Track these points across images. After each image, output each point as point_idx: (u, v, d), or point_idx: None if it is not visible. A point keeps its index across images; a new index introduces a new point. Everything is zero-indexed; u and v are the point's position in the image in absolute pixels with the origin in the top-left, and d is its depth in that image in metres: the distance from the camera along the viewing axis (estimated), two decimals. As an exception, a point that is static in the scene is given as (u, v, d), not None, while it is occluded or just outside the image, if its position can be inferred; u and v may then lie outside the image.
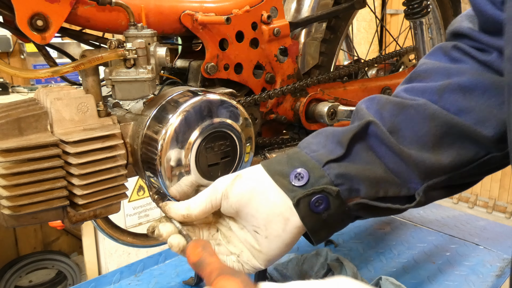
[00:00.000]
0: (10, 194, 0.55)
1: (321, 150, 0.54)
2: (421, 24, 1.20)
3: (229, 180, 0.56)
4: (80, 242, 2.40)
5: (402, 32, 1.42)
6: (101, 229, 0.79)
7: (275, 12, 0.88)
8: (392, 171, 0.53)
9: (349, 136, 0.53)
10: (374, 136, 0.54)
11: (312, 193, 0.52)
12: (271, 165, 0.56)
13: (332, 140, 0.54)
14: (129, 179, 0.68)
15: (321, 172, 0.52)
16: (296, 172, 0.53)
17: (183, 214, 0.56)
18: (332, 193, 0.52)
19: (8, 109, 0.59)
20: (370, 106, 0.57)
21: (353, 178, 0.52)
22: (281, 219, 0.53)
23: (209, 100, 0.66)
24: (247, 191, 0.54)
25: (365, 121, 0.54)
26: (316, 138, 0.57)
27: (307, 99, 0.94)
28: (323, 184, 0.52)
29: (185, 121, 0.64)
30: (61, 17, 0.61)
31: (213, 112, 0.67)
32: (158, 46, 0.66)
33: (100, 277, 1.10)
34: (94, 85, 0.66)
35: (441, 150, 0.53)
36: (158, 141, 0.63)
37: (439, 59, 0.59)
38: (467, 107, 0.53)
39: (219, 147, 0.68)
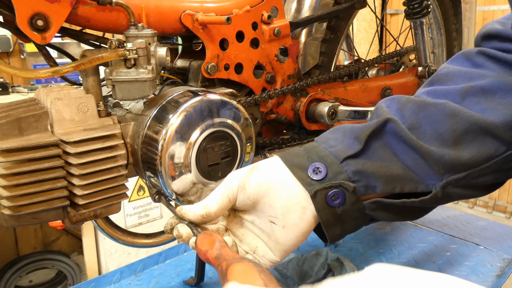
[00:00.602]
0: (11, 194, 0.55)
1: (338, 146, 0.55)
2: (421, 24, 1.20)
3: (245, 172, 0.56)
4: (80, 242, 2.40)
5: (403, 32, 1.42)
6: (101, 229, 0.79)
7: (275, 12, 0.88)
8: (410, 168, 0.54)
9: (367, 133, 0.54)
10: (392, 134, 0.54)
11: (330, 187, 0.53)
12: (288, 157, 0.56)
13: (350, 136, 0.55)
14: (129, 179, 0.68)
15: (339, 168, 0.53)
16: (315, 166, 0.54)
17: (201, 214, 0.55)
18: (348, 189, 0.53)
19: (8, 109, 0.59)
20: (391, 105, 0.57)
21: (369, 176, 0.53)
22: (300, 208, 0.54)
23: (209, 100, 0.66)
24: (265, 181, 0.55)
25: (384, 119, 0.54)
26: (334, 134, 0.57)
27: (307, 99, 0.94)
28: (341, 180, 0.53)
29: (185, 121, 0.64)
30: (62, 17, 0.61)
31: (213, 112, 0.67)
32: (158, 46, 0.66)
33: (100, 277, 1.10)
34: (95, 85, 0.66)
35: (462, 146, 0.53)
36: (158, 141, 0.63)
37: (461, 64, 0.60)
38: (491, 108, 0.53)
39: (220, 147, 0.68)
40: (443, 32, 1.37)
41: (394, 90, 1.14)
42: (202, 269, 1.03)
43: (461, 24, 1.39)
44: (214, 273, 1.09)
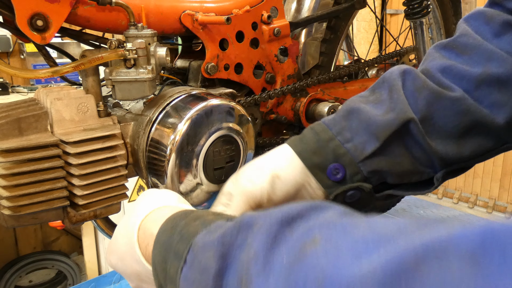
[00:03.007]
0: (10, 195, 0.55)
1: (355, 140, 0.54)
2: (421, 24, 1.20)
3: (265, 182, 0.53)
4: (80, 242, 2.39)
5: (402, 32, 1.42)
6: (101, 229, 0.79)
7: (275, 12, 0.88)
8: (417, 160, 0.55)
9: (388, 133, 0.53)
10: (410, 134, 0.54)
11: (348, 189, 0.53)
12: (306, 155, 0.54)
13: (367, 129, 0.54)
14: (129, 179, 0.68)
15: (356, 169, 0.53)
16: (334, 167, 0.54)
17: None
18: (365, 190, 0.54)
19: (8, 109, 0.59)
20: (406, 82, 0.56)
21: (383, 172, 0.54)
22: None
23: (217, 105, 0.67)
24: (291, 191, 0.54)
25: (405, 119, 0.53)
26: (348, 122, 0.55)
27: (307, 99, 0.94)
28: (358, 181, 0.53)
29: (194, 126, 0.64)
30: (61, 17, 0.61)
31: (221, 117, 0.68)
32: (158, 46, 0.66)
33: (100, 277, 1.10)
34: (94, 85, 0.66)
35: (465, 141, 0.54)
36: (167, 145, 0.63)
37: (480, 31, 0.58)
38: (500, 102, 0.54)
39: (226, 151, 0.69)
40: (443, 32, 1.37)
41: (394, 90, 1.14)
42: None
43: (461, 24, 1.39)
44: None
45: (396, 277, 0.21)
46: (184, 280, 0.34)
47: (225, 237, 0.33)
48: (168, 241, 0.38)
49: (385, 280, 0.21)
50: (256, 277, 0.28)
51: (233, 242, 0.32)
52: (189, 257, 0.35)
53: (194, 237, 0.36)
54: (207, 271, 0.32)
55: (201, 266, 0.33)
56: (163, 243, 0.39)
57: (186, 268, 0.35)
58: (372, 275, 0.21)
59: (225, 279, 0.31)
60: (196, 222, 0.38)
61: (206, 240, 0.34)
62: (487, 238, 0.20)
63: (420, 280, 0.20)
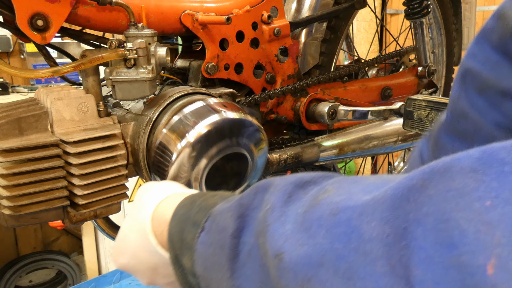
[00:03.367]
0: (11, 194, 0.55)
1: None
2: (421, 24, 1.20)
3: None
4: (80, 242, 2.39)
5: (402, 32, 1.42)
6: (101, 229, 0.79)
7: (275, 12, 0.88)
8: None
9: None
10: None
11: None
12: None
13: None
14: (129, 179, 0.68)
15: None
16: None
17: None
18: None
19: (8, 109, 0.59)
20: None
21: None
22: None
23: (232, 120, 0.64)
24: None
25: None
26: None
27: (307, 99, 0.94)
28: None
29: (204, 138, 0.62)
30: (61, 17, 0.61)
31: (234, 133, 0.64)
32: (158, 46, 0.66)
33: (100, 277, 1.10)
34: (95, 85, 0.66)
35: None
36: (173, 152, 0.62)
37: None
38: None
39: (232, 167, 0.67)
40: (443, 32, 1.37)
41: (394, 90, 1.14)
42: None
43: (461, 24, 1.39)
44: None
45: (405, 195, 0.22)
46: (201, 244, 0.35)
47: (242, 199, 0.34)
48: (187, 214, 0.39)
49: (395, 199, 0.22)
50: (273, 224, 0.29)
51: (250, 203, 0.33)
52: (207, 224, 0.36)
53: (213, 207, 0.37)
54: (225, 231, 0.33)
55: (219, 228, 0.34)
56: (181, 215, 0.39)
57: (204, 233, 0.36)
58: (382, 199, 0.23)
59: (242, 237, 0.32)
60: (214, 197, 0.39)
61: (225, 206, 0.35)
62: (486, 154, 0.21)
63: (426, 193, 0.21)
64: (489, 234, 0.18)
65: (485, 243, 0.18)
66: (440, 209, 0.21)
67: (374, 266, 0.22)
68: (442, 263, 0.20)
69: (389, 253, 0.21)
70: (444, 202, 0.21)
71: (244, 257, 0.31)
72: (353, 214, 0.24)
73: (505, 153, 0.20)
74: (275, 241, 0.27)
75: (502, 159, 0.20)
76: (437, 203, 0.21)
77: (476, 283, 0.18)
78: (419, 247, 0.21)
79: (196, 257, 0.36)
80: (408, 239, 0.21)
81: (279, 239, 0.27)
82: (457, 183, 0.21)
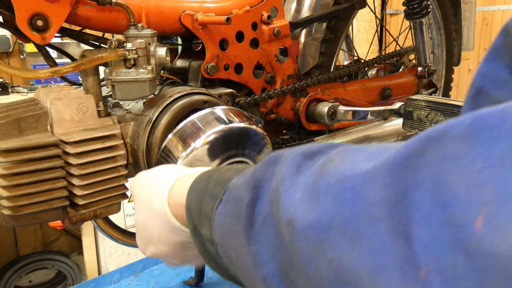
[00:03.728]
0: (10, 195, 0.55)
1: None
2: (421, 24, 1.20)
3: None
4: (80, 242, 2.39)
5: (402, 32, 1.42)
6: (101, 229, 0.79)
7: (275, 12, 0.88)
8: None
9: None
10: None
11: None
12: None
13: None
14: (129, 179, 0.68)
15: None
16: None
17: None
18: None
19: (8, 109, 0.59)
20: None
21: None
22: None
23: (239, 129, 0.63)
24: None
25: None
26: None
27: (307, 99, 0.94)
28: None
29: (210, 146, 0.61)
30: (61, 17, 0.61)
31: (240, 143, 0.63)
32: (158, 46, 0.66)
33: (100, 277, 1.10)
34: (94, 85, 0.66)
35: None
36: (177, 158, 0.62)
37: None
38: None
39: None
40: (443, 32, 1.37)
41: (393, 90, 1.14)
42: (202, 269, 1.03)
43: (461, 24, 1.39)
44: (213, 273, 1.08)
45: (404, 162, 0.24)
46: (219, 214, 0.38)
47: (255, 172, 0.36)
48: (204, 187, 0.41)
49: (395, 166, 0.25)
50: (284, 193, 0.31)
51: (263, 175, 0.36)
52: (224, 197, 0.38)
53: (229, 181, 0.39)
54: (241, 201, 0.35)
55: (235, 199, 0.36)
56: (199, 189, 0.42)
57: (221, 205, 0.38)
58: (384, 166, 0.25)
59: (256, 207, 0.35)
60: (230, 171, 0.42)
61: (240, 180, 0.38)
62: (476, 120, 0.23)
63: (423, 159, 0.23)
64: (478, 194, 0.21)
65: (474, 202, 0.21)
66: (435, 173, 0.23)
67: (378, 227, 0.24)
68: (438, 221, 0.22)
69: (391, 214, 0.24)
70: (439, 167, 0.23)
71: (259, 225, 0.34)
72: (357, 181, 0.26)
73: (493, 119, 0.22)
74: (287, 209, 0.30)
75: (491, 125, 0.22)
76: (433, 168, 0.23)
77: (467, 236, 0.20)
78: (417, 208, 0.23)
79: (214, 227, 0.38)
80: (408, 201, 0.23)
81: (290, 207, 0.29)
82: (451, 149, 0.23)
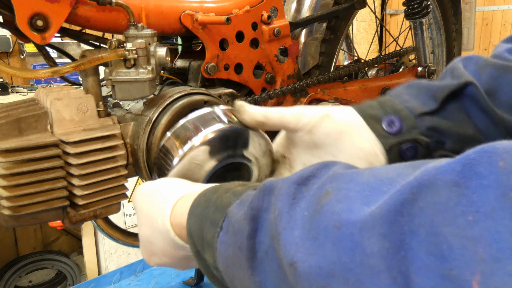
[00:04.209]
0: (10, 195, 0.55)
1: (413, 102, 0.54)
2: (421, 24, 1.20)
3: (316, 116, 0.55)
4: (80, 242, 2.40)
5: (402, 32, 1.42)
6: (101, 229, 0.79)
7: (275, 12, 0.88)
8: (481, 131, 0.53)
9: (445, 93, 0.53)
10: (470, 97, 0.53)
11: (404, 141, 0.53)
12: (363, 108, 0.56)
13: (426, 93, 0.54)
14: (129, 179, 0.68)
15: (414, 123, 0.53)
16: (390, 119, 0.53)
17: (257, 120, 0.56)
18: (422, 143, 0.53)
19: (8, 109, 0.59)
20: (468, 65, 0.56)
21: (442, 132, 0.53)
22: (365, 163, 0.54)
23: (238, 130, 0.61)
24: (335, 132, 0.54)
25: (465, 81, 0.53)
26: (408, 89, 0.56)
27: (307, 99, 0.94)
28: (415, 134, 0.53)
29: (207, 145, 0.59)
30: (61, 17, 0.61)
31: (239, 143, 0.62)
32: (158, 46, 0.66)
33: (100, 277, 1.10)
34: (94, 85, 0.66)
35: None
36: (174, 157, 0.60)
37: None
38: None
39: (233, 177, 0.62)
40: (443, 32, 1.37)
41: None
42: (202, 269, 1.03)
43: (461, 24, 1.40)
44: (214, 273, 1.08)
45: (399, 211, 0.25)
46: (221, 243, 0.38)
47: (253, 202, 0.37)
48: (204, 212, 0.42)
49: (390, 214, 0.25)
50: (283, 231, 0.32)
51: (260, 205, 0.36)
52: (224, 224, 0.39)
53: (228, 207, 0.40)
54: (241, 233, 0.36)
55: (235, 230, 0.37)
56: (199, 214, 0.42)
57: (222, 233, 0.39)
58: (379, 214, 0.26)
59: (257, 237, 0.35)
60: (227, 194, 0.42)
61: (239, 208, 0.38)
62: (466, 167, 0.23)
63: (417, 205, 0.24)
64: (473, 250, 0.21)
65: (470, 259, 0.21)
66: (430, 222, 0.23)
67: (378, 278, 0.24)
68: (437, 272, 0.22)
69: (390, 265, 0.24)
70: (433, 216, 0.23)
71: (262, 255, 0.34)
72: (354, 229, 0.27)
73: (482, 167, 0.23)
74: (287, 250, 0.30)
75: (480, 173, 0.22)
76: (427, 215, 0.23)
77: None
78: (416, 257, 0.23)
79: (217, 256, 0.39)
80: (405, 251, 0.23)
81: (291, 248, 0.30)
82: (443, 197, 0.23)
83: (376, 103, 0.56)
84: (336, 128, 0.54)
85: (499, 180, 0.21)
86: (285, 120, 0.55)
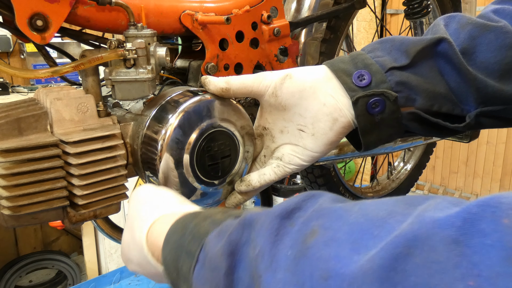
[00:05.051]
0: (10, 195, 0.55)
1: (385, 56, 0.55)
2: (421, 24, 1.20)
3: (277, 77, 0.56)
4: (80, 242, 2.40)
5: (402, 32, 1.42)
6: (101, 229, 0.79)
7: (275, 12, 0.88)
8: (452, 89, 0.53)
9: (417, 49, 0.53)
10: (443, 55, 0.53)
11: (372, 95, 0.53)
12: (335, 63, 0.57)
13: (399, 49, 0.54)
14: (129, 179, 0.68)
15: (383, 77, 0.53)
16: (360, 73, 0.54)
17: (222, 87, 0.58)
18: (390, 98, 0.53)
19: (8, 109, 0.59)
20: (449, 23, 0.55)
21: (412, 88, 0.53)
22: (330, 119, 0.55)
23: (208, 100, 0.66)
24: (297, 91, 0.55)
25: (438, 38, 0.53)
26: (382, 44, 0.57)
27: (307, 99, 0.94)
28: (383, 89, 0.53)
29: (184, 121, 0.63)
30: (61, 17, 0.61)
31: (212, 112, 0.66)
32: (158, 46, 0.66)
33: (100, 277, 1.10)
34: (94, 85, 0.66)
35: (507, 80, 0.52)
36: (158, 141, 0.63)
37: None
38: None
39: (219, 146, 0.68)
40: (443, 32, 1.37)
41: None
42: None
43: (461, 24, 1.39)
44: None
45: (392, 266, 0.22)
46: (196, 278, 0.35)
47: (231, 236, 0.34)
48: (180, 241, 0.39)
49: (382, 270, 0.23)
50: (264, 272, 0.29)
51: (238, 240, 0.33)
52: (201, 256, 0.36)
53: (205, 237, 0.37)
54: (218, 269, 0.33)
55: (212, 266, 0.34)
56: (174, 242, 0.40)
57: (198, 266, 0.36)
58: (371, 269, 0.23)
59: (235, 275, 0.32)
60: (206, 222, 0.39)
61: (216, 239, 0.35)
62: (467, 222, 0.21)
63: (412, 262, 0.22)
64: None
65: None
66: (426, 283, 0.21)
67: None
68: None
69: None
70: (429, 277, 0.21)
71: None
72: (343, 283, 0.24)
73: (485, 223, 0.20)
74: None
75: (483, 230, 0.20)
76: (423, 275, 0.21)
77: None
78: None
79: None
80: None
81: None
82: (441, 256, 0.21)
83: (348, 57, 0.56)
84: (299, 87, 0.55)
85: (503, 240, 0.19)
86: (246, 84, 0.57)
